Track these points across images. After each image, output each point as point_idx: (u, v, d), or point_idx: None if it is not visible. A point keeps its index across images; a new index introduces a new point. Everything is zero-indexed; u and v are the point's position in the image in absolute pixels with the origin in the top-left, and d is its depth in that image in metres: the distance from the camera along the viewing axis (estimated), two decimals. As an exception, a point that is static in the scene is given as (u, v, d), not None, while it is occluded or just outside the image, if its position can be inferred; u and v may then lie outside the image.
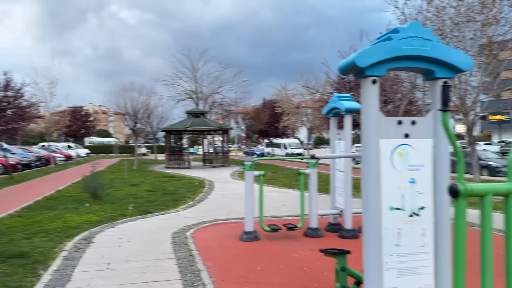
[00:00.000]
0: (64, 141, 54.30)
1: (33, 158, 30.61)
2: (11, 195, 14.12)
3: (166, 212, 10.18)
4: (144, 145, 54.90)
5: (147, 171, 24.31)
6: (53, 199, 12.45)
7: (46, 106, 27.93)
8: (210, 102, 39.57)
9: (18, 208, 10.70)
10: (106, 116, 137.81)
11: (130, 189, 14.81)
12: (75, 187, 15.57)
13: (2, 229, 8.01)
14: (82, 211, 10.22)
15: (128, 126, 27.13)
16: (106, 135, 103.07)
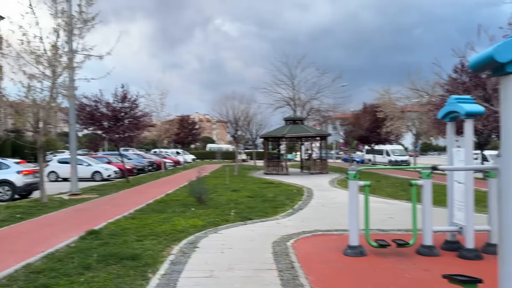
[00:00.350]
0: (173, 147, 58.63)
1: (146, 164, 33.45)
2: (127, 197, 15.43)
3: (266, 220, 10.12)
4: (244, 151, 56.63)
5: (246, 177, 24.86)
6: (163, 203, 13.25)
7: (158, 115, 30.31)
8: (308, 108, 39.32)
9: (132, 210, 11.56)
10: (210, 124, 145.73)
11: (231, 195, 15.17)
12: (182, 191, 16.46)
13: (118, 231, 8.65)
14: (188, 215, 10.65)
15: (229, 133, 28.09)
16: (210, 142, 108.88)
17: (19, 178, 15.09)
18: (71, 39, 13.46)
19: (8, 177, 14.86)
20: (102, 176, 25.66)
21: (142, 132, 23.39)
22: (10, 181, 14.76)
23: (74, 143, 16.54)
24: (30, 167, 16.06)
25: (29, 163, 18.01)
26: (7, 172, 15.06)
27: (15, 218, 10.39)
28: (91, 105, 20.30)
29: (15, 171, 15.21)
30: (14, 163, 15.77)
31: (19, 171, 15.26)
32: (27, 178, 15.45)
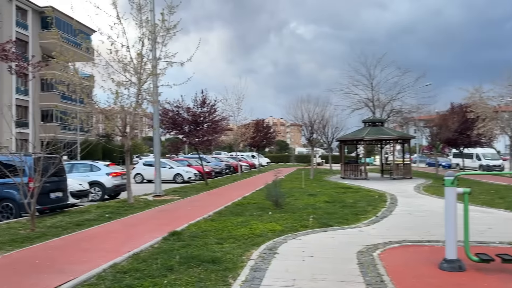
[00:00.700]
0: (248, 151, 59.52)
1: (223, 167, 34.27)
2: (206, 200, 15.75)
3: (348, 227, 9.59)
4: (319, 155, 55.69)
5: (323, 181, 24.25)
6: (240, 205, 13.28)
7: (234, 119, 30.90)
8: (388, 109, 37.49)
9: (211, 212, 11.70)
10: (283, 127, 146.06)
11: (308, 199, 14.78)
12: (259, 195, 16.42)
13: (198, 233, 8.73)
14: (266, 219, 10.50)
15: (304, 136, 27.70)
16: (284, 145, 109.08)
17: (108, 180, 16.15)
18: (154, 47, 14.09)
19: (99, 179, 15.99)
20: (183, 179, 26.71)
21: (220, 136, 23.92)
22: (101, 183, 15.86)
23: (158, 147, 17.33)
24: (118, 170, 17.13)
25: (117, 165, 19.22)
26: (98, 174, 16.22)
27: (104, 218, 11.03)
28: (173, 110, 21.18)
29: (105, 173, 16.32)
30: (104, 165, 16.94)
31: (108, 173, 16.35)
32: (115, 179, 16.49)
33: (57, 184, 11.98)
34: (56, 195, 11.83)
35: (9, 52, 8.24)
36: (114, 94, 12.76)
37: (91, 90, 14.59)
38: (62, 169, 12.50)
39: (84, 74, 16.51)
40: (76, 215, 11.65)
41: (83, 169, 16.81)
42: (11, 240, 8.14)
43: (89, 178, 15.81)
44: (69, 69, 13.44)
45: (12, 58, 8.37)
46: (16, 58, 8.61)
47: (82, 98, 13.62)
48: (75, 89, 13.30)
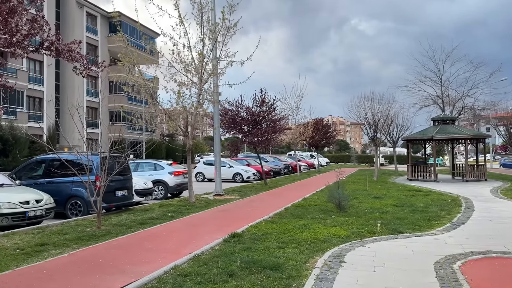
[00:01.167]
0: (307, 150, 58.66)
1: (282, 166, 33.93)
2: (266, 200, 15.49)
3: (421, 234, 8.80)
4: (382, 155, 53.51)
5: (388, 183, 23.04)
6: (301, 207, 12.84)
7: (293, 118, 30.43)
8: (459, 107, 34.92)
9: (271, 214, 11.38)
10: (343, 126, 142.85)
11: (373, 202, 13.98)
12: (319, 196, 15.87)
13: (259, 235, 8.44)
14: (329, 222, 9.98)
15: (367, 135, 26.54)
16: (344, 145, 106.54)
17: (171, 179, 16.44)
18: (215, 46, 14.06)
19: (162, 178, 16.33)
20: (242, 178, 26.75)
21: (279, 135, 23.59)
22: (164, 181, 16.18)
23: (219, 146, 17.37)
24: (180, 169, 17.40)
25: (179, 164, 19.57)
26: (161, 173, 16.59)
27: (167, 217, 11.12)
28: (233, 110, 21.19)
29: (168, 172, 16.65)
30: (167, 164, 17.29)
31: (171, 172, 16.66)
32: (178, 178, 16.76)
33: (122, 183, 12.30)
34: (121, 193, 12.16)
35: (74, 52, 8.52)
36: (176, 94, 12.88)
37: (155, 91, 14.87)
38: (127, 168, 12.83)
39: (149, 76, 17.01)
40: (140, 213, 11.88)
41: (148, 168, 17.26)
42: (77, 237, 8.37)
43: (153, 177, 16.18)
44: (134, 71, 13.79)
45: (77, 59, 8.67)
46: (81, 59, 8.88)
47: (146, 99, 13.93)
48: (139, 90, 13.62)
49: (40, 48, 8.54)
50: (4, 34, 7.25)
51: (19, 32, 7.56)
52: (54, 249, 7.40)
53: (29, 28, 7.96)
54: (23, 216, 9.37)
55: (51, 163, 12.10)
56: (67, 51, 8.42)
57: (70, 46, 8.48)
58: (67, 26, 38.86)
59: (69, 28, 38.75)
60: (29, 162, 12.53)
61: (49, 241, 8.03)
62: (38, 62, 35.46)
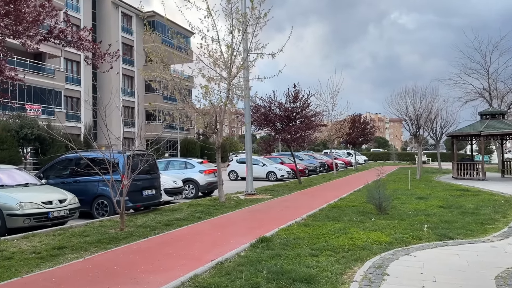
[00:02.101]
0: (344, 148, 57.04)
1: (317, 164, 32.89)
2: (299, 200, 14.68)
3: (474, 241, 7.74)
4: (424, 152, 51.11)
5: (432, 182, 21.56)
6: (337, 208, 11.96)
7: (329, 115, 29.31)
8: (508, 100, 32.51)
9: (305, 215, 10.58)
10: (382, 123, 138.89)
11: (418, 203, 12.85)
12: (357, 196, 14.88)
13: (290, 240, 7.68)
14: (368, 226, 9.06)
15: (409, 131, 25.04)
16: (383, 142, 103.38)
17: (202, 177, 15.97)
18: (246, 38, 13.40)
19: (193, 176, 15.88)
20: (276, 176, 26.01)
21: (314, 132, 22.63)
22: (195, 180, 15.71)
23: (249, 143, 16.70)
24: (211, 167, 16.88)
25: (211, 163, 19.09)
26: (192, 171, 16.15)
27: (194, 218, 10.57)
28: (265, 106, 20.48)
29: (199, 170, 16.18)
30: (198, 163, 16.82)
31: (202, 170, 16.18)
32: (208, 177, 16.26)
33: (150, 182, 11.89)
34: (149, 192, 11.74)
35: (85, 40, 8.09)
36: (203, 89, 12.32)
37: (183, 88, 14.36)
38: (155, 166, 12.41)
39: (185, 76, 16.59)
40: (167, 213, 11.41)
41: (178, 166, 16.88)
42: (98, 240, 7.93)
43: (184, 175, 15.77)
44: (161, 67, 13.36)
45: (89, 48, 8.24)
46: (93, 47, 8.43)
47: (173, 96, 13.49)
48: (167, 86, 13.19)
49: (48, 37, 8.16)
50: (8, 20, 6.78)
51: (25, 19, 7.17)
52: (71, 253, 6.97)
53: (36, 15, 7.53)
54: (45, 216, 9.07)
55: (78, 161, 11.85)
56: (77, 39, 7.99)
57: (81, 34, 8.05)
58: (103, 26, 39.53)
59: (106, 28, 39.39)
60: (56, 161, 12.35)
61: (68, 244, 7.63)
62: (75, 63, 36.22)
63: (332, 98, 28.89)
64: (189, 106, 12.87)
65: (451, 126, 31.12)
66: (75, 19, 35.85)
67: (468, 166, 23.37)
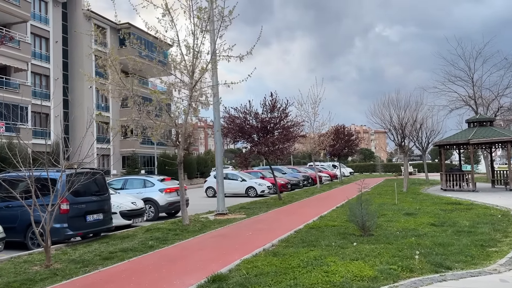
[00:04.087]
0: (329, 160, 55.78)
1: (301, 178, 31.37)
2: (275, 220, 13.09)
3: (478, 273, 6.23)
4: (410, 163, 50.12)
5: (420, 194, 20.20)
6: (315, 229, 10.43)
7: (310, 125, 27.96)
8: (494, 107, 31.68)
9: (276, 240, 9.01)
10: (367, 135, 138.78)
11: (406, 221, 11.39)
12: (339, 213, 13.39)
13: (250, 277, 6.09)
14: (349, 253, 7.53)
15: (394, 141, 23.79)
16: (369, 154, 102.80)
17: (162, 197, 14.31)
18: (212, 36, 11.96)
19: (152, 196, 14.20)
20: (256, 192, 24.44)
21: (293, 144, 21.16)
22: (154, 200, 13.99)
23: (220, 156, 15.06)
24: (174, 185, 15.24)
25: (175, 180, 17.46)
26: (151, 190, 14.49)
27: (144, 247, 8.89)
28: (240, 116, 19.00)
29: (158, 189, 14.52)
30: (158, 180, 15.15)
31: (162, 189, 14.52)
32: (170, 196, 14.60)
33: (96, 205, 10.18)
34: (94, 217, 10.01)
35: None
36: (155, 94, 10.76)
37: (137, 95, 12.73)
38: (104, 186, 10.71)
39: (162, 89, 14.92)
40: (116, 241, 9.71)
41: (136, 184, 15.17)
42: (6, 284, 6.23)
43: (142, 194, 14.07)
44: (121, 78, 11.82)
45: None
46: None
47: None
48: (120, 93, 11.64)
49: None
50: None
51: None
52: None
53: None
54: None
55: (11, 183, 10.10)
56: None
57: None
58: (75, 39, 37.80)
59: (78, 41, 37.65)
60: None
61: (-37, 291, 5.92)
62: (44, 77, 34.36)
63: (313, 109, 27.60)
64: (145, 116, 11.27)
65: (437, 135, 30.09)
66: (44, 31, 34.18)
67: (457, 177, 22.14)
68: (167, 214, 15.13)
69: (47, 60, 34.31)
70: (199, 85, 11.60)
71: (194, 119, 12.02)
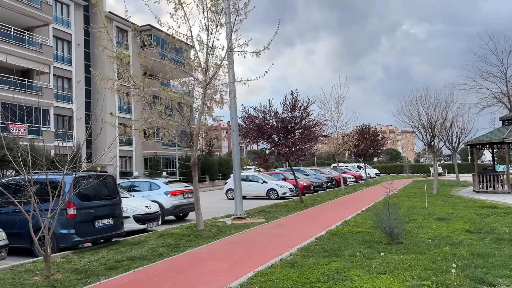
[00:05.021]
0: (354, 161, 54.41)
1: (324, 180, 30.43)
2: (295, 225, 12.34)
3: (529, 291, 5.35)
4: (439, 164, 48.21)
5: (451, 197, 18.99)
6: (338, 236, 9.63)
7: (334, 125, 27.02)
8: (532, 104, 29.89)
9: (295, 248, 8.28)
10: (394, 135, 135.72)
11: (438, 227, 10.44)
12: (365, 218, 12.52)
13: (262, 295, 5.40)
14: (376, 265, 6.73)
15: (422, 141, 22.57)
16: (395, 154, 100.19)
17: (167, 200, 13.86)
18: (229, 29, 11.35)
19: (157, 199, 13.72)
20: (277, 194, 23.69)
21: (315, 145, 20.29)
22: (159, 203, 13.48)
23: (237, 157, 14.38)
24: (180, 188, 14.82)
25: (182, 182, 17.03)
26: (156, 193, 14.09)
27: (153, 255, 8.32)
28: (259, 116, 18.32)
29: (164, 192, 14.11)
30: (164, 183, 14.74)
31: (167, 192, 14.10)
32: (175, 199, 14.20)
33: (106, 209, 9.70)
34: (103, 222, 9.52)
35: None
36: (163, 92, 10.21)
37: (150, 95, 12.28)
38: (115, 190, 10.23)
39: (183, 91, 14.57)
40: (126, 248, 9.19)
41: (143, 187, 14.77)
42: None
43: (147, 197, 13.61)
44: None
45: None
46: None
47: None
48: (128, 93, 11.16)
49: None
50: None
51: None
52: None
53: None
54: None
55: (19, 187, 9.75)
56: None
57: None
58: (96, 42, 38.03)
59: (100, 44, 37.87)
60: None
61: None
62: (66, 79, 34.67)
63: (336, 108, 26.64)
64: (157, 116, 10.74)
65: (468, 135, 28.55)
66: (66, 34, 34.49)
67: (491, 178, 20.78)
68: (176, 218, 14.73)
69: (69, 62, 34.60)
70: (213, 83, 10.99)
71: (208, 118, 11.40)
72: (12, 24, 28.13)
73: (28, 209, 7.33)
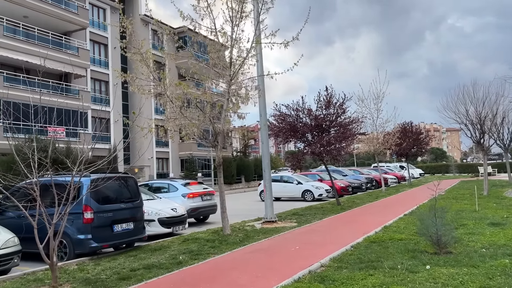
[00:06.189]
0: (396, 161, 52.12)
1: (363, 180, 29.05)
2: (330, 230, 11.36)
3: None
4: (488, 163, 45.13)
5: (504, 198, 17.26)
6: (377, 244, 8.61)
7: (373, 123, 25.61)
8: None
9: (327, 259, 7.36)
10: (438, 133, 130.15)
11: (492, 233, 9.16)
12: (408, 223, 11.35)
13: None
14: (420, 281, 5.73)
15: (471, 138, 20.80)
16: (440, 153, 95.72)
17: (184, 202, 13.25)
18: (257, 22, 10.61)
19: (174, 201, 13.24)
20: (313, 196, 22.67)
21: (351, 143, 19.10)
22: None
23: (267, 157, 13.54)
24: (199, 190, 14.29)
25: (201, 184, 16.52)
26: (174, 195, 13.60)
27: (172, 263, 7.68)
28: (292, 114, 17.42)
29: (181, 194, 13.61)
30: (182, 185, 14.22)
31: (185, 194, 13.60)
32: (193, 202, 13.71)
33: (126, 213, 9.19)
34: (123, 227, 9.01)
35: None
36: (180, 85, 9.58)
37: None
38: (136, 192, 9.72)
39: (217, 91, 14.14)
40: (145, 254, 8.64)
41: (161, 189, 14.31)
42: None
43: (165, 200, 13.18)
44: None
45: None
46: None
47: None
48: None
49: None
50: None
51: None
52: None
53: None
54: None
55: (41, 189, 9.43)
56: None
57: None
58: (133, 44, 38.46)
59: (135, 46, 38.27)
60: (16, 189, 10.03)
61: None
62: (103, 82, 35.22)
63: (376, 104, 25.22)
64: (180, 114, 10.15)
65: (523, 130, 26.15)
66: (102, 38, 35.05)
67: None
68: (196, 220, 14.25)
69: (106, 66, 35.14)
70: (238, 77, 10.27)
71: (233, 116, 10.69)
72: (49, 29, 28.79)
73: (35, 213, 6.85)
